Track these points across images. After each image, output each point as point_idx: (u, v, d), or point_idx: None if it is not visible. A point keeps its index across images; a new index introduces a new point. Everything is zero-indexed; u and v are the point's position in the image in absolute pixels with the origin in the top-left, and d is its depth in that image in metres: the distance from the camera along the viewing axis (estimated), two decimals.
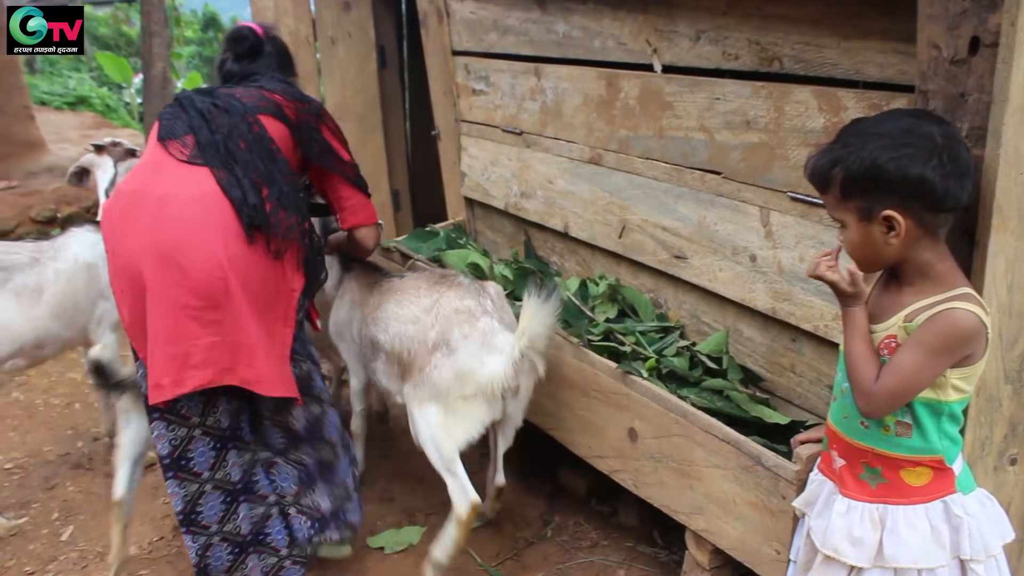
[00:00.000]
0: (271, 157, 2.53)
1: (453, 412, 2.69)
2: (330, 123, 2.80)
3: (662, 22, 2.71)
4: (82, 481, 3.64)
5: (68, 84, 15.28)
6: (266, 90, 2.65)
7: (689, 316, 2.97)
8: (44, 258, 3.35)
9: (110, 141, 3.70)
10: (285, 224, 2.46)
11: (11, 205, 5.38)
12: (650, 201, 2.92)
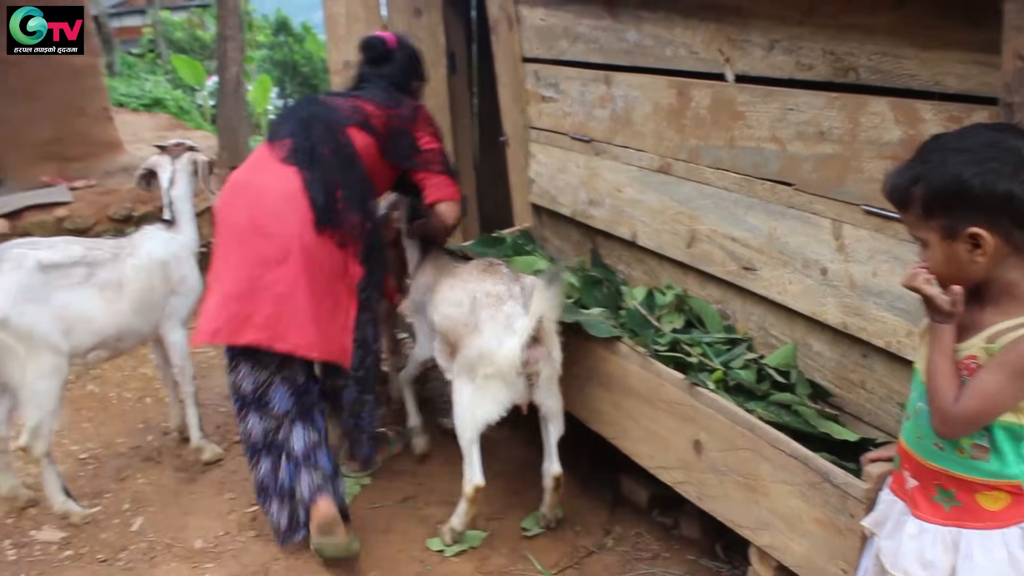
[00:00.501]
0: (350, 165, 3.02)
1: (478, 390, 2.91)
2: (423, 121, 3.22)
3: (735, 31, 2.68)
4: (152, 474, 3.71)
5: (144, 86, 15.66)
6: (363, 100, 3.15)
7: (757, 328, 2.94)
8: (123, 254, 3.45)
9: (174, 142, 3.79)
10: (349, 223, 2.97)
11: (90, 203, 5.52)
12: (720, 211, 2.90)
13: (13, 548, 3.23)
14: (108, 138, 7.49)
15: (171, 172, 3.65)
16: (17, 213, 5.28)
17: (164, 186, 3.64)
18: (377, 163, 3.14)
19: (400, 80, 3.32)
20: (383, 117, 3.13)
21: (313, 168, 2.95)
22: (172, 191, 3.64)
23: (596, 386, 3.02)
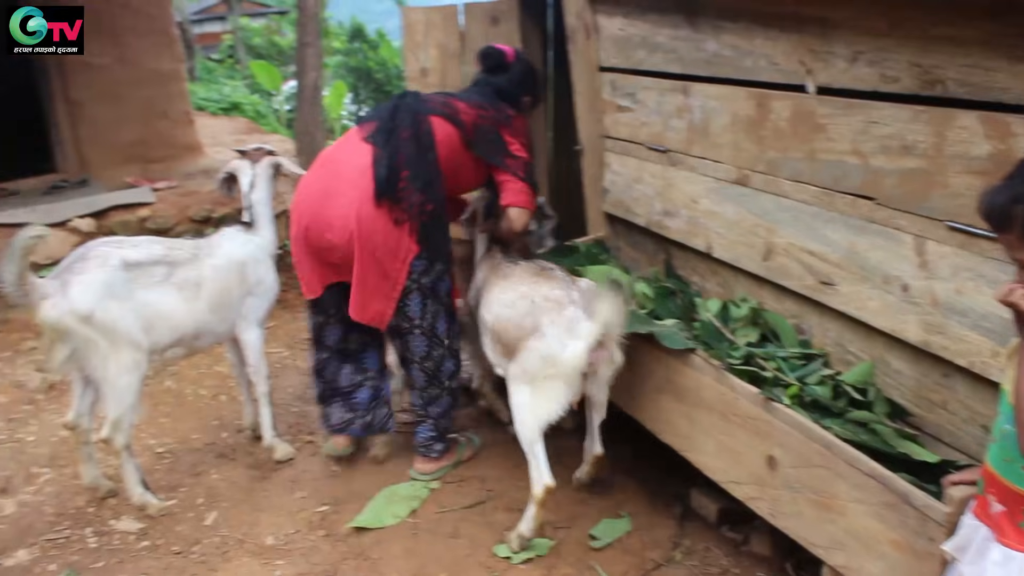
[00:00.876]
0: (423, 149, 3.25)
1: (538, 392, 3.00)
2: (516, 129, 3.42)
3: (817, 42, 2.65)
4: (225, 470, 3.79)
5: (223, 91, 15.97)
6: (456, 98, 3.41)
7: (833, 344, 2.89)
8: (202, 255, 3.53)
9: (253, 147, 3.86)
10: (409, 201, 3.20)
11: (172, 204, 5.68)
12: (797, 225, 2.86)
13: (94, 536, 3.33)
14: (189, 141, 7.69)
15: (251, 176, 3.73)
16: (103, 212, 5.46)
17: (244, 190, 3.72)
18: (459, 154, 3.35)
19: (509, 90, 3.49)
20: (473, 115, 3.35)
21: (386, 147, 3.24)
22: (252, 195, 3.71)
23: (669, 398, 3.00)
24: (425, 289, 3.35)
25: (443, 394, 3.57)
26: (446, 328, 3.50)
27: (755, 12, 2.85)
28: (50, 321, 3.12)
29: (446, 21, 4.51)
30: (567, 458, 3.55)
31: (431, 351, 3.47)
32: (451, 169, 3.35)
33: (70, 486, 3.63)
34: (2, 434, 4.05)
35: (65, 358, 3.22)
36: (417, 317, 3.39)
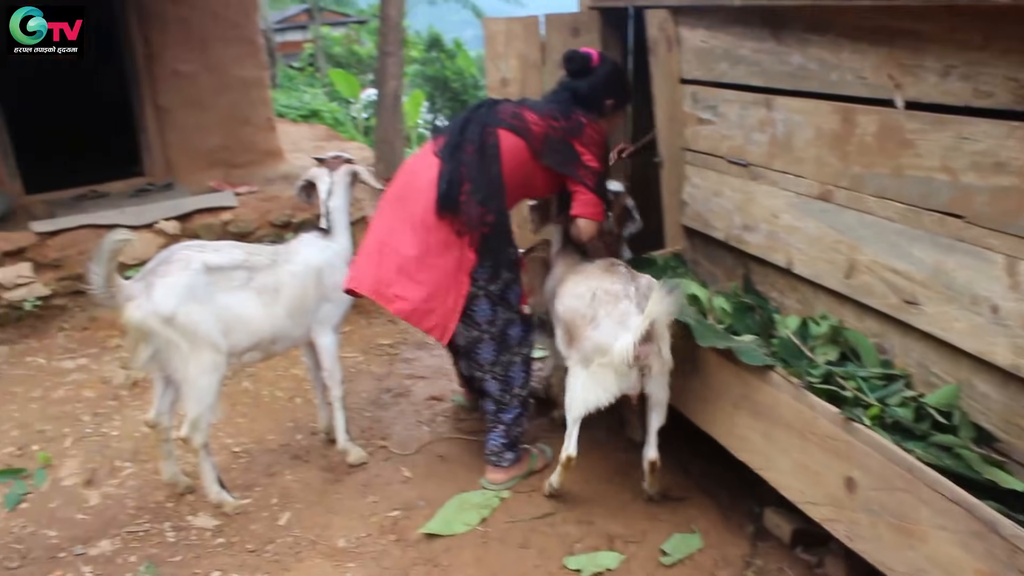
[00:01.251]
0: (487, 163, 3.30)
1: (591, 377, 3.19)
2: (588, 139, 3.39)
3: (907, 56, 2.60)
4: (299, 471, 3.83)
5: (303, 98, 16.27)
6: (527, 108, 3.42)
7: (916, 365, 2.82)
8: (280, 260, 3.59)
9: (332, 155, 3.92)
10: (472, 214, 3.27)
11: (253, 209, 5.78)
12: (882, 242, 2.80)
13: (172, 531, 3.41)
14: (271, 147, 7.84)
15: (329, 183, 3.79)
16: (188, 215, 5.58)
17: (322, 197, 3.78)
18: (528, 164, 3.37)
19: (591, 94, 3.46)
20: (543, 126, 3.35)
21: (451, 161, 3.32)
22: (330, 202, 3.77)
23: (745, 414, 2.96)
24: (494, 296, 3.42)
25: (513, 400, 3.61)
26: (519, 336, 3.56)
27: (843, 25, 2.80)
28: (134, 322, 3.20)
29: (527, 32, 4.52)
30: (636, 471, 3.53)
31: (499, 356, 3.53)
32: (520, 179, 3.40)
33: (151, 481, 3.73)
34: (88, 428, 4.17)
35: (147, 358, 3.30)
36: (485, 322, 3.45)
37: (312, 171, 3.86)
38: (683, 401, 3.36)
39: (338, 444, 3.86)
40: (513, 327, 3.52)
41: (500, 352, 3.52)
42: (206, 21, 7.12)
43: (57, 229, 5.26)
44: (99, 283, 3.13)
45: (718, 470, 3.59)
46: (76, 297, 5.21)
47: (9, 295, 5.01)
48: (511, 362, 3.57)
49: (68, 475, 3.77)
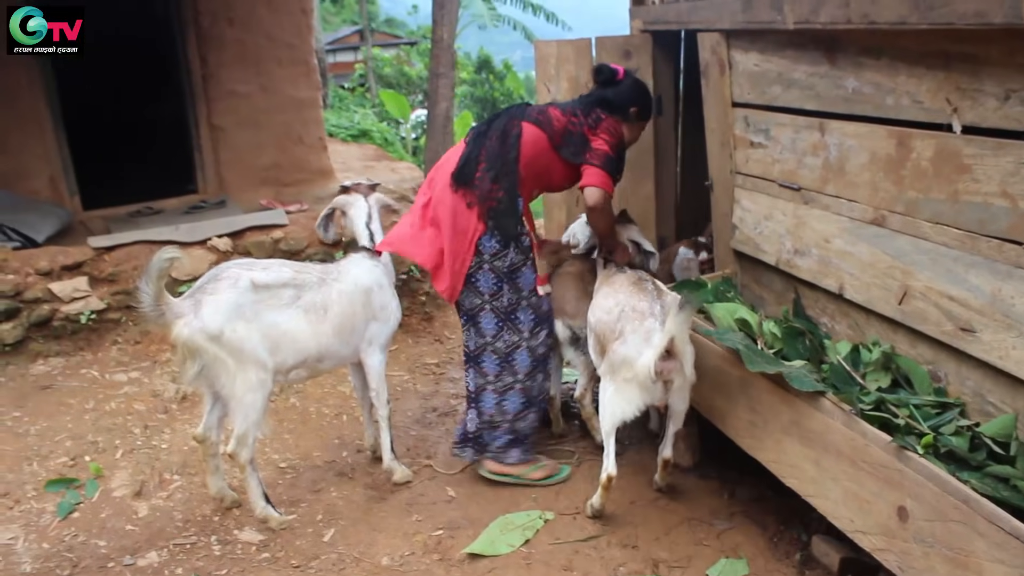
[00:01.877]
0: (506, 149, 3.58)
1: (618, 391, 3.35)
2: (603, 129, 3.61)
3: (965, 80, 2.56)
4: (344, 488, 3.86)
5: (353, 118, 16.44)
6: (555, 106, 3.71)
7: (972, 394, 2.77)
8: (329, 279, 3.63)
9: (356, 182, 4.05)
10: (483, 189, 3.54)
11: (303, 227, 5.84)
12: (937, 268, 2.76)
13: (218, 544, 3.44)
14: (322, 166, 7.94)
15: (367, 208, 3.87)
16: (240, 233, 5.66)
17: (363, 220, 3.86)
18: (546, 155, 3.64)
19: (616, 100, 3.67)
20: (564, 121, 3.62)
21: (474, 146, 3.65)
22: (371, 225, 3.83)
23: (794, 441, 2.92)
24: (500, 271, 3.63)
25: (515, 384, 3.75)
26: (531, 323, 3.72)
27: (899, 49, 2.78)
28: (182, 339, 3.25)
29: (578, 54, 4.55)
30: (682, 495, 3.50)
31: (501, 332, 3.71)
32: (539, 169, 3.66)
33: (198, 494, 3.77)
34: (139, 440, 4.23)
35: (196, 374, 3.35)
36: (488, 293, 3.66)
37: (341, 199, 3.94)
38: (730, 426, 3.33)
39: (383, 462, 3.87)
40: (522, 311, 3.70)
41: (503, 328, 3.71)
42: (261, 42, 7.25)
43: (113, 244, 5.37)
44: (148, 301, 3.19)
45: (765, 496, 3.55)
46: (130, 311, 5.30)
47: (66, 308, 5.12)
48: (516, 345, 3.73)
49: (118, 486, 3.83)
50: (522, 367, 3.75)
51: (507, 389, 3.75)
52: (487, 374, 3.76)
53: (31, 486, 3.81)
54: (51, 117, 6.45)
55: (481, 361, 3.76)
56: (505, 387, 3.75)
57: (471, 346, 3.80)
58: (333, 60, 30.12)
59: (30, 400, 4.61)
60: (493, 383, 3.75)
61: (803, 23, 3.05)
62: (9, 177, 6.25)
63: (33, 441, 4.19)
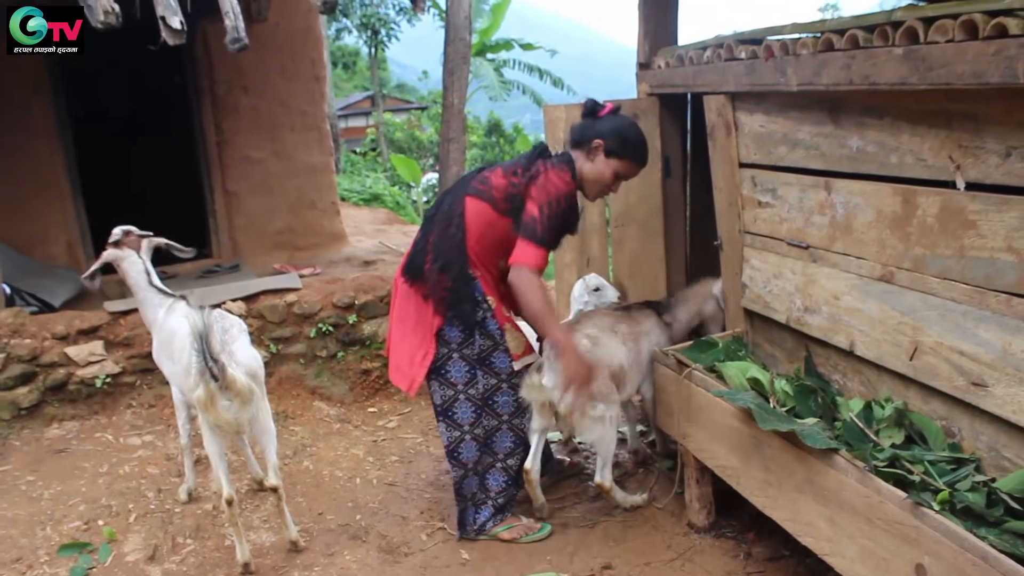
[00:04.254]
0: (450, 233, 3.51)
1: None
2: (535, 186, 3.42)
3: (967, 138, 2.60)
4: (358, 552, 3.83)
5: (365, 182, 16.64)
6: (499, 169, 3.57)
7: (987, 449, 2.76)
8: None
9: (122, 231, 4.14)
10: (432, 280, 3.53)
11: (317, 291, 5.89)
12: (946, 323, 2.77)
13: None
14: (335, 230, 8.04)
15: (141, 262, 4.12)
16: (254, 296, 5.71)
17: (132, 274, 4.10)
18: (495, 226, 3.51)
19: (581, 132, 3.60)
20: (503, 184, 3.50)
21: (421, 234, 3.67)
22: (152, 279, 4.12)
23: (809, 498, 2.91)
24: (470, 359, 3.64)
25: (496, 463, 3.81)
26: (509, 405, 3.74)
27: (901, 108, 2.82)
28: (238, 385, 3.44)
29: None
30: (698, 555, 3.47)
31: (480, 418, 3.72)
32: (491, 241, 3.54)
33: (211, 558, 3.76)
34: (152, 504, 4.23)
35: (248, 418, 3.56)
36: (461, 383, 3.67)
37: (112, 253, 4.12)
38: (744, 485, 3.31)
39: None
40: (501, 394, 3.72)
41: (481, 415, 3.72)
42: (275, 109, 7.40)
43: (128, 309, 5.42)
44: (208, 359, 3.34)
45: (782, 555, 3.52)
46: (144, 375, 5.35)
47: (82, 372, 5.16)
48: (496, 428, 3.76)
49: (131, 550, 3.82)
50: (503, 448, 3.82)
51: (489, 468, 3.84)
52: (466, 463, 3.78)
53: (44, 551, 3.81)
54: (70, 185, 6.60)
55: (458, 453, 3.77)
56: (487, 467, 3.84)
57: (446, 440, 3.79)
58: (345, 125, 30.59)
59: (44, 464, 4.63)
60: (474, 468, 3.80)
61: (806, 85, 3.10)
62: (28, 243, 6.36)
63: (47, 505, 4.20)
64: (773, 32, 3.32)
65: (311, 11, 7.52)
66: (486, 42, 23.47)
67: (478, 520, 3.83)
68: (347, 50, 39.26)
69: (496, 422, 3.75)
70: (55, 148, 6.52)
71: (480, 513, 3.84)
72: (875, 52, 2.71)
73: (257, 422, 3.60)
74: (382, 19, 27.25)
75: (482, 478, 3.82)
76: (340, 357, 5.74)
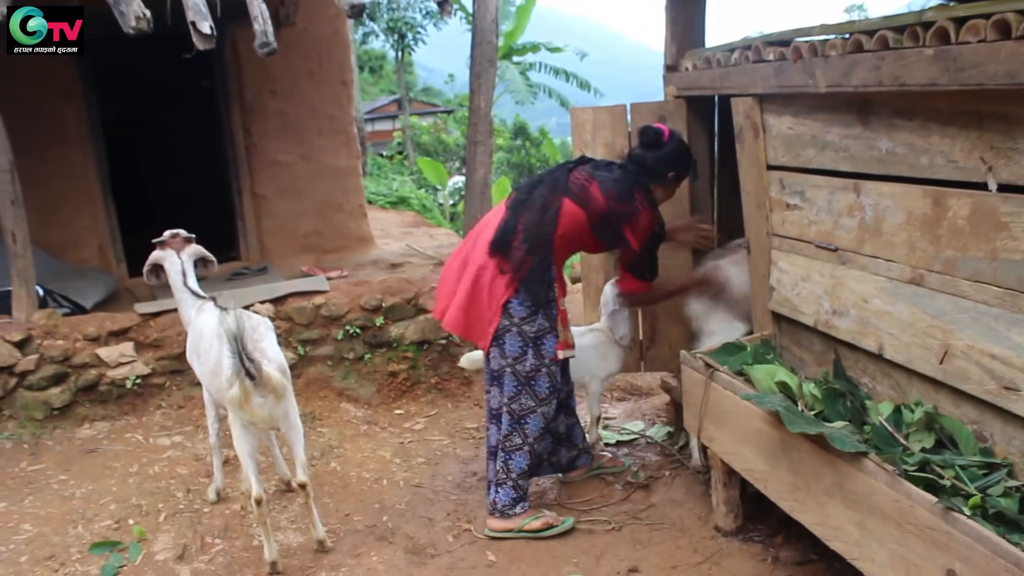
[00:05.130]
0: (544, 221, 3.77)
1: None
2: (639, 226, 3.83)
3: (999, 139, 2.58)
4: (385, 553, 3.85)
5: (392, 185, 16.70)
6: (597, 186, 3.80)
7: (1019, 454, 2.72)
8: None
9: (170, 234, 4.24)
10: (517, 258, 3.75)
11: (345, 293, 5.91)
12: (977, 326, 2.74)
13: None
14: (362, 233, 8.08)
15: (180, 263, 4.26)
16: (282, 299, 5.75)
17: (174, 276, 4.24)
18: (581, 229, 3.82)
19: (655, 167, 3.89)
20: (603, 207, 3.78)
21: (512, 215, 3.83)
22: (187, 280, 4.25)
23: (838, 503, 2.89)
24: (527, 335, 3.82)
25: (524, 447, 3.92)
26: (546, 391, 3.90)
27: (932, 110, 2.80)
28: (274, 381, 3.53)
29: (614, 120, 4.62)
30: (725, 559, 3.46)
31: (519, 395, 3.88)
32: (571, 239, 3.88)
33: (240, 558, 3.79)
34: (182, 503, 4.28)
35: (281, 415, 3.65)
36: (512, 357, 3.85)
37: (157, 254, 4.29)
38: (772, 488, 3.30)
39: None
40: (541, 379, 3.88)
41: (522, 392, 3.89)
42: (303, 113, 7.45)
43: (158, 311, 5.48)
44: (245, 359, 3.41)
45: (810, 559, 3.50)
46: (174, 376, 5.40)
47: (112, 373, 5.22)
48: (532, 410, 3.91)
49: (161, 550, 3.86)
50: (533, 431, 3.93)
51: (515, 450, 3.93)
52: (500, 427, 4.00)
53: (76, 549, 3.86)
54: (101, 189, 6.68)
55: (500, 419, 3.99)
56: (514, 446, 3.94)
57: (494, 404, 4.08)
58: (372, 129, 30.72)
59: (76, 463, 4.69)
60: (502, 443, 3.96)
61: (835, 86, 3.09)
62: (60, 246, 6.45)
63: (78, 504, 4.26)
64: (801, 33, 3.31)
65: (339, 16, 7.56)
66: (512, 45, 23.47)
67: (499, 501, 3.94)
68: (374, 54, 39.40)
69: (533, 403, 3.89)
70: (87, 153, 6.61)
71: (500, 493, 3.94)
72: (905, 53, 2.69)
73: (288, 418, 3.67)
74: (408, 23, 27.35)
75: (508, 457, 3.94)
76: (367, 359, 5.77)
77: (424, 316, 5.84)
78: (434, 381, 5.81)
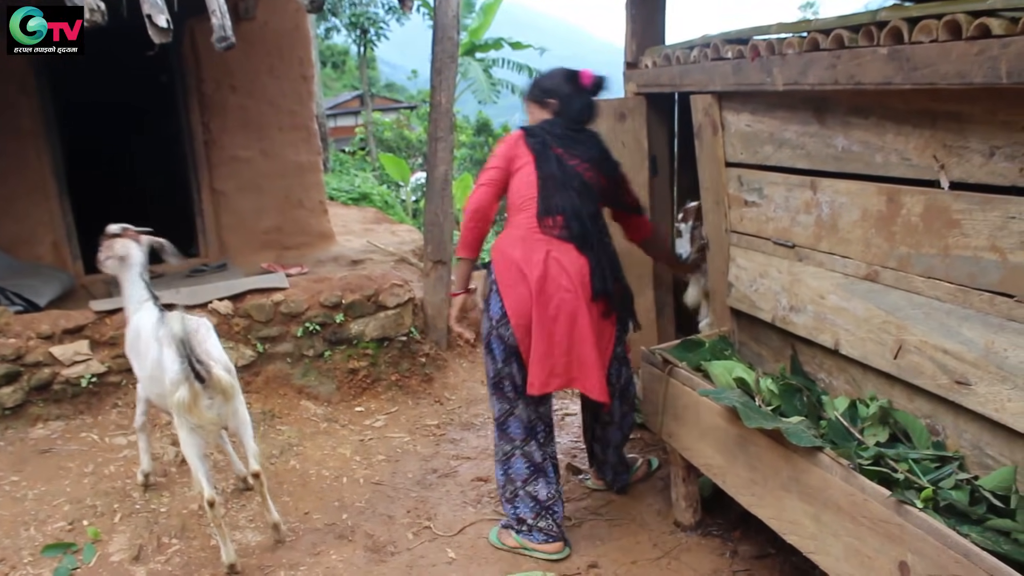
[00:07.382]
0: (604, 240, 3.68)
1: None
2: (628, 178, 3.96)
3: (951, 137, 2.61)
4: (344, 551, 3.83)
5: (354, 182, 16.59)
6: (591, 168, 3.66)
7: (970, 447, 2.77)
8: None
9: (121, 227, 4.20)
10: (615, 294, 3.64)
11: (304, 290, 5.85)
12: (930, 322, 2.78)
13: None
14: (323, 229, 8.02)
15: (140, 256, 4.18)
16: (241, 296, 5.68)
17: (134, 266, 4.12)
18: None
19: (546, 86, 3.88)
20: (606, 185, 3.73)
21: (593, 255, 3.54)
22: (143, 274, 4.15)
23: (794, 497, 2.92)
24: (621, 357, 3.87)
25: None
26: (633, 391, 4.05)
27: (886, 108, 2.83)
28: (224, 383, 3.54)
29: None
30: (684, 553, 3.47)
31: (622, 408, 3.98)
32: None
33: (196, 558, 3.75)
34: (138, 504, 4.21)
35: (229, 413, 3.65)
36: (615, 380, 3.85)
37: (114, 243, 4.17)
38: (730, 483, 3.32)
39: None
40: (631, 383, 4.03)
41: (623, 405, 3.98)
42: (263, 109, 7.38)
43: (114, 308, 5.39)
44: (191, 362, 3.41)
45: (768, 553, 3.53)
46: (130, 374, 5.30)
47: (67, 371, 5.13)
48: (626, 414, 4.04)
49: (116, 551, 3.81)
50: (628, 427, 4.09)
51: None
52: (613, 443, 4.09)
53: (28, 551, 3.79)
54: (56, 184, 6.57)
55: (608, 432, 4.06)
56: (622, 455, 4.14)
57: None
58: (334, 124, 30.55)
59: (29, 464, 4.60)
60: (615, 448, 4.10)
61: (792, 85, 3.11)
62: (14, 242, 6.33)
63: (31, 506, 4.18)
64: (759, 32, 3.33)
65: (299, 10, 7.49)
66: (476, 41, 23.44)
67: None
68: (336, 49, 39.21)
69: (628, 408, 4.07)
70: (41, 148, 6.49)
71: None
72: (860, 52, 2.72)
73: (236, 415, 3.67)
74: (371, 18, 27.23)
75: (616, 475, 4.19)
76: (327, 356, 5.73)
77: (384, 313, 5.80)
78: (394, 378, 5.78)
